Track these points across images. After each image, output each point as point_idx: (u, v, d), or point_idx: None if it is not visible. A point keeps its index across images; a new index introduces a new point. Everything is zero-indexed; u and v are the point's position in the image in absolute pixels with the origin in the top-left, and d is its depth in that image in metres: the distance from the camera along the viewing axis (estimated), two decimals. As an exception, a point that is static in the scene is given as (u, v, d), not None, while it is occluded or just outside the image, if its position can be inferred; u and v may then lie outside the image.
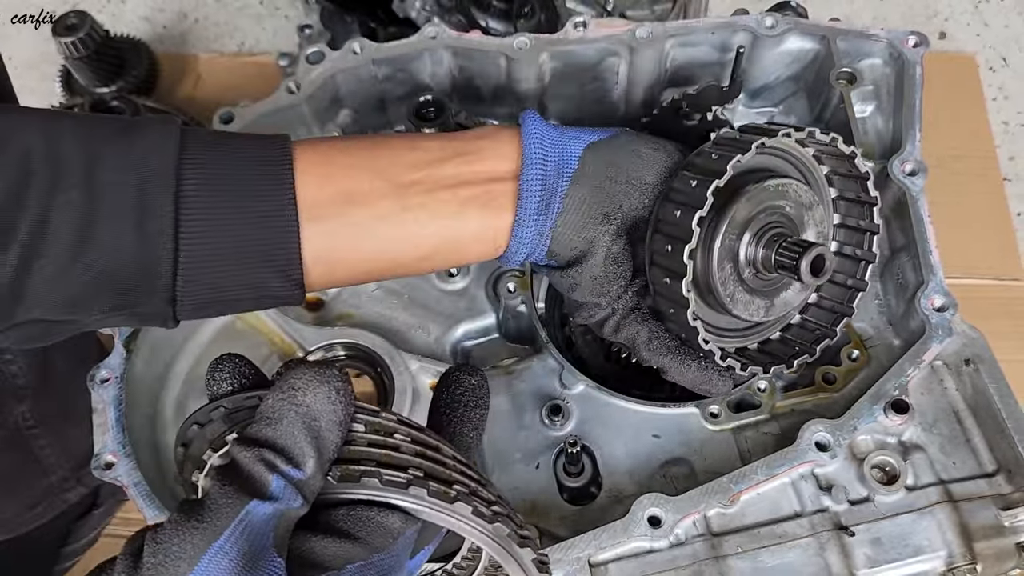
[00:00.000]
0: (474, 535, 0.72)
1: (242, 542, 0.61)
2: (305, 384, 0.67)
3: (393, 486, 0.68)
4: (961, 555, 1.09)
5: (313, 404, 0.67)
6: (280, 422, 0.66)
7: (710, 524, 1.12)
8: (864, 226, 1.19)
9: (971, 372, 1.19)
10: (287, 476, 0.64)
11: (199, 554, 0.60)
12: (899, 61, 1.34)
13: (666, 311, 1.10)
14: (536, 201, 1.01)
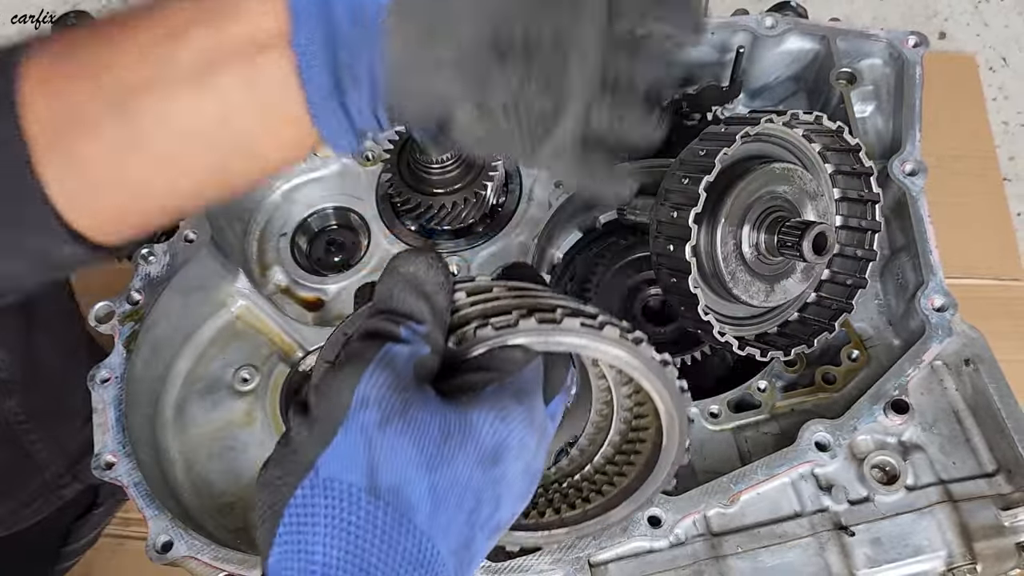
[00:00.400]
0: (586, 343, 0.82)
1: (388, 371, 0.73)
2: (405, 259, 0.79)
3: (504, 328, 0.80)
4: (961, 555, 1.09)
5: (416, 272, 0.79)
6: (392, 293, 0.78)
7: (710, 524, 1.12)
8: (865, 225, 1.20)
9: (971, 372, 1.19)
10: (411, 328, 0.76)
11: (354, 384, 0.72)
12: (899, 61, 1.34)
13: (678, 307, 1.12)
14: (325, 77, 0.75)
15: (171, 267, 1.32)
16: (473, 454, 0.75)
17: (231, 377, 1.38)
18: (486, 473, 0.75)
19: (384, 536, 0.71)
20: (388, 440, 0.72)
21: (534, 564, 1.06)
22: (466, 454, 0.74)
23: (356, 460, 0.71)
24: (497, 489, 0.77)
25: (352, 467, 0.71)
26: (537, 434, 0.80)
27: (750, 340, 1.18)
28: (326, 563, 0.70)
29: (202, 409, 1.36)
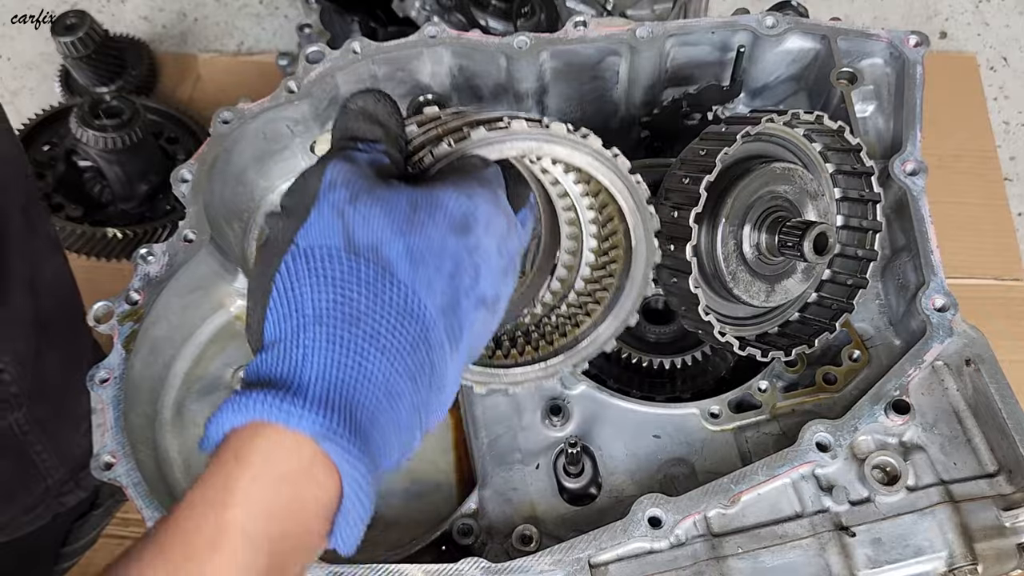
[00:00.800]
0: (536, 144, 0.93)
1: (351, 163, 0.82)
2: (354, 97, 0.89)
3: (461, 141, 0.89)
4: (962, 556, 1.09)
5: (366, 105, 0.88)
6: (348, 124, 0.88)
7: (710, 525, 1.11)
8: (867, 225, 1.20)
9: (972, 372, 1.19)
10: (367, 147, 0.86)
11: (321, 173, 0.81)
12: (900, 61, 1.34)
13: (678, 308, 1.13)
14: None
15: (170, 267, 1.32)
16: (443, 221, 0.81)
17: (230, 377, 1.38)
18: (459, 240, 0.82)
19: (368, 286, 0.77)
20: (360, 210, 0.79)
21: (534, 565, 1.06)
22: (436, 221, 0.81)
23: (332, 228, 0.78)
24: (474, 258, 0.83)
25: (329, 234, 0.78)
26: (505, 217, 0.86)
27: (751, 340, 1.18)
28: (317, 312, 0.76)
29: (201, 409, 1.35)
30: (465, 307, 0.82)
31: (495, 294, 0.86)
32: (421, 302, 0.78)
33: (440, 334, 0.80)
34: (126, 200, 2.28)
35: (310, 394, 0.73)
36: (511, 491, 1.19)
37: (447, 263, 0.81)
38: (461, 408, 1.27)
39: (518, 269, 0.91)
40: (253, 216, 1.52)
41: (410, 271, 0.79)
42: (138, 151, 2.20)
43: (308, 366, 0.75)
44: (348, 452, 0.73)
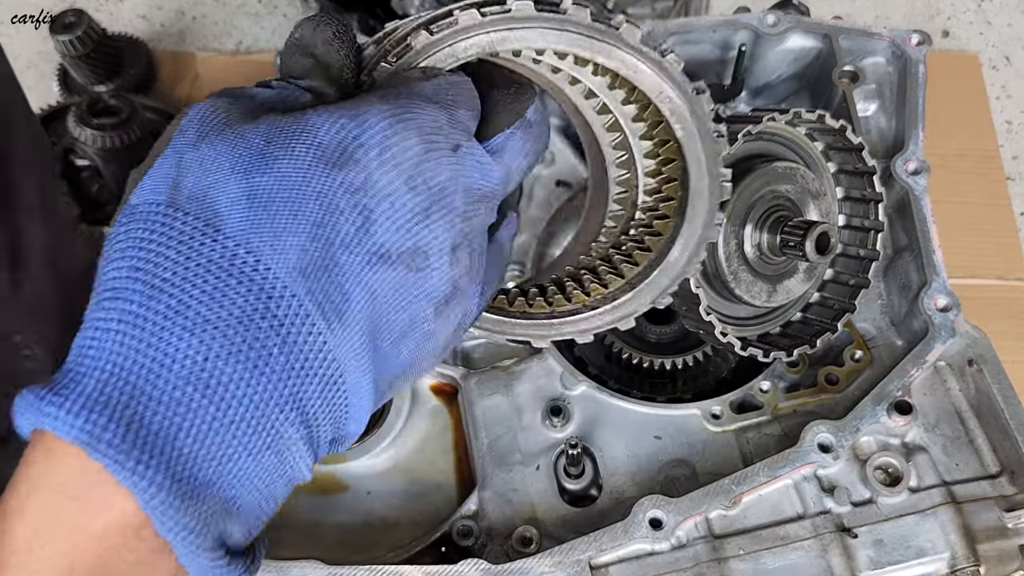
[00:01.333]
0: (486, 32, 0.76)
1: (223, 100, 0.69)
2: (295, 27, 0.75)
3: (400, 56, 0.75)
4: (964, 557, 1.09)
5: (302, 35, 0.74)
6: (283, 60, 0.75)
7: (712, 526, 1.11)
8: (869, 224, 1.20)
9: (974, 373, 1.19)
10: (281, 85, 0.73)
11: (180, 116, 0.69)
12: (902, 60, 1.34)
13: (680, 308, 1.13)
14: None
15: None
16: (306, 154, 0.64)
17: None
18: (331, 175, 0.63)
19: (181, 246, 0.61)
20: (198, 153, 0.65)
21: (535, 566, 1.06)
22: (295, 154, 0.63)
23: (163, 181, 0.65)
24: (359, 198, 0.64)
25: (158, 188, 0.64)
26: (422, 141, 0.67)
27: (752, 340, 1.17)
28: (115, 283, 0.61)
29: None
30: (348, 264, 0.63)
31: (410, 244, 0.66)
32: (259, 261, 0.61)
33: (299, 303, 0.61)
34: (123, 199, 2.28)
35: (80, 390, 0.59)
36: (511, 492, 1.18)
37: (309, 207, 0.62)
38: (461, 408, 1.27)
39: (484, 211, 0.73)
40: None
41: (245, 221, 0.61)
42: (136, 150, 2.20)
43: (89, 354, 0.60)
44: (122, 465, 0.56)
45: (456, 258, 0.70)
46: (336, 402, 0.65)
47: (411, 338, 0.69)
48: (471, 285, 0.74)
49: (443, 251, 0.68)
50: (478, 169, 0.72)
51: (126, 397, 0.58)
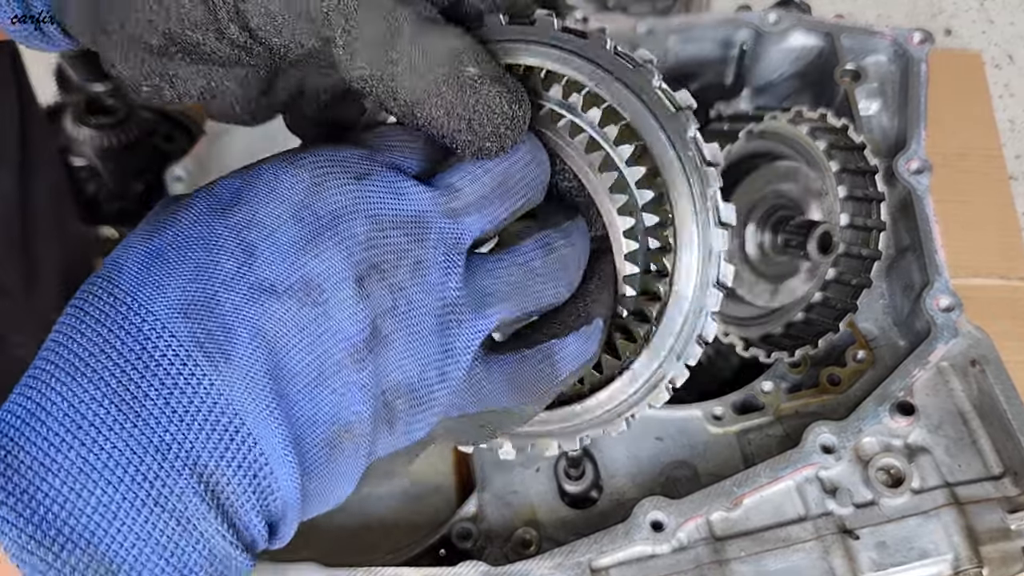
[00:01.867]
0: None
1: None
2: None
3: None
4: (967, 558, 1.08)
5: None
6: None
7: (713, 528, 1.10)
8: (871, 224, 1.19)
9: (977, 373, 1.18)
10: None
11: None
12: (904, 58, 1.33)
13: None
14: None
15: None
16: (200, 205, 0.62)
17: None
18: (219, 220, 0.61)
19: (85, 305, 0.61)
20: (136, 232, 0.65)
21: (535, 569, 1.05)
22: (192, 209, 0.62)
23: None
24: (243, 235, 0.60)
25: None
26: (318, 174, 0.63)
27: (754, 341, 1.17)
28: (41, 352, 0.60)
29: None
30: (229, 301, 0.59)
31: (298, 276, 0.60)
32: (141, 306, 0.58)
33: (178, 343, 0.58)
34: (121, 199, 2.28)
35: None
36: (511, 494, 1.18)
37: (195, 251, 0.60)
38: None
39: (409, 238, 0.64)
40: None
41: (137, 275, 0.60)
42: (133, 149, 2.19)
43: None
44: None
45: (365, 292, 0.62)
46: (248, 459, 0.58)
47: (328, 386, 0.61)
48: (409, 330, 0.65)
49: (341, 282, 0.62)
50: (390, 193, 0.65)
51: (5, 440, 0.55)
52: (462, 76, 0.62)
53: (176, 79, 0.72)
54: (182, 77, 0.72)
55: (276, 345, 0.60)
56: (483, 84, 0.63)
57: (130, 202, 2.29)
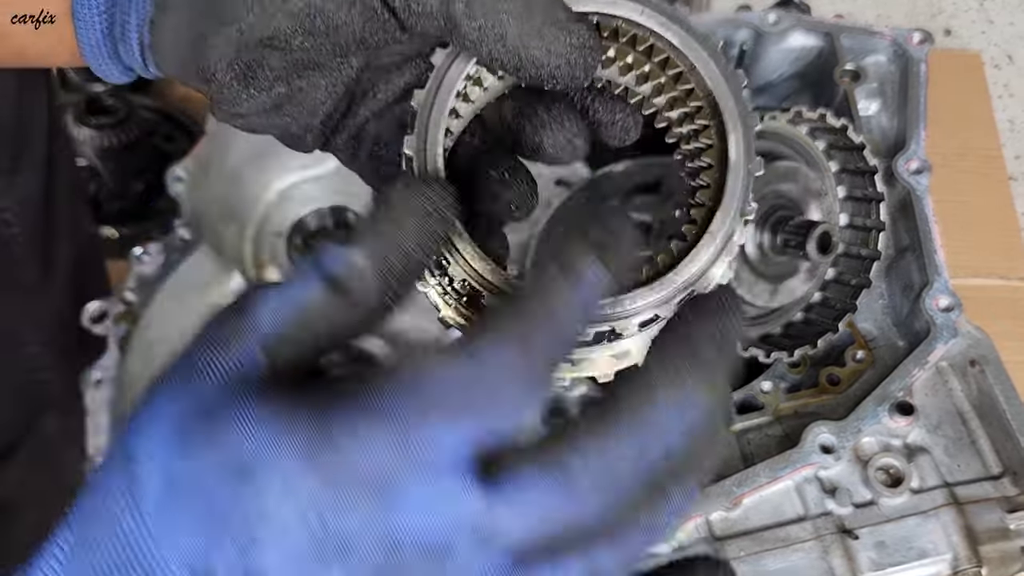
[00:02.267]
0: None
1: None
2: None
3: None
4: (966, 558, 1.08)
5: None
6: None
7: (712, 528, 1.10)
8: (870, 224, 1.19)
9: (976, 373, 1.18)
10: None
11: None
12: (904, 58, 1.33)
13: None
14: (98, 26, 0.77)
15: (165, 267, 1.31)
16: (219, 450, 0.53)
17: (227, 378, 1.37)
18: (230, 485, 0.52)
19: (106, 513, 0.54)
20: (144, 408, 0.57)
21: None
22: (213, 444, 0.53)
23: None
24: (251, 523, 0.51)
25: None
26: (331, 482, 0.50)
27: (754, 341, 1.17)
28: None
29: (197, 411, 1.35)
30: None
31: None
32: (158, 549, 0.52)
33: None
34: (121, 199, 2.28)
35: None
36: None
37: (202, 503, 0.52)
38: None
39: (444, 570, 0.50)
40: (249, 216, 1.51)
41: (159, 499, 0.53)
42: (133, 149, 2.19)
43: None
44: None
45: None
46: None
47: None
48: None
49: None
50: (424, 514, 0.50)
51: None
52: (558, 18, 0.68)
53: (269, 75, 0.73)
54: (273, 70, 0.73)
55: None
56: (572, 22, 0.69)
57: (130, 202, 2.29)
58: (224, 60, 0.72)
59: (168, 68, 0.77)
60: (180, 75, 0.76)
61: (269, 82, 0.73)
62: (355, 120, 0.78)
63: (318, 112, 0.76)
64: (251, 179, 1.48)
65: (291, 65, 0.73)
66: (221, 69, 0.72)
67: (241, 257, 1.48)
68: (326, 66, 0.74)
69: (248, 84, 0.73)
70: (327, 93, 0.76)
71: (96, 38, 0.77)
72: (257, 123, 0.77)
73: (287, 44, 0.71)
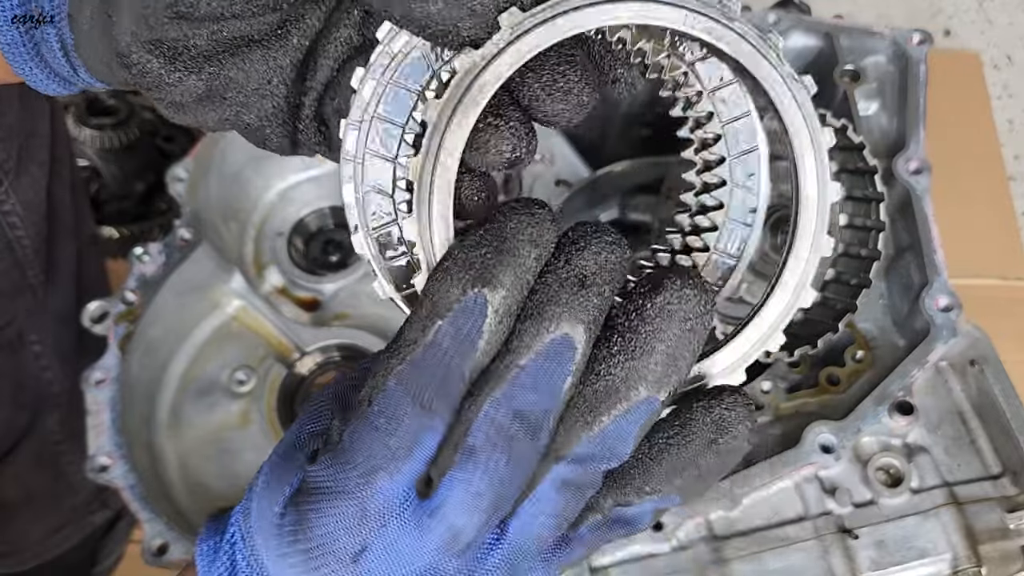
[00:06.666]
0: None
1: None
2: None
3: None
4: (966, 558, 1.08)
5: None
6: None
7: (712, 527, 1.10)
8: (870, 224, 1.19)
9: (976, 373, 1.18)
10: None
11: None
12: (903, 59, 1.33)
13: None
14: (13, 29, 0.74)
15: (166, 267, 1.31)
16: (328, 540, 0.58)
17: (227, 379, 1.37)
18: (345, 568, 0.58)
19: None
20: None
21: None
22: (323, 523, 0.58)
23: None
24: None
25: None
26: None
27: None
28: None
29: (197, 411, 1.35)
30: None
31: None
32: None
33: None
34: (122, 199, 2.28)
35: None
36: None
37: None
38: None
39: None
40: (249, 216, 1.51)
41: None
42: (134, 150, 2.19)
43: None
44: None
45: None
46: None
47: None
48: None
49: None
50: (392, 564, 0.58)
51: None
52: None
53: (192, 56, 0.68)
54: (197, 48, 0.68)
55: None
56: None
57: (130, 202, 2.29)
58: (137, 40, 0.66)
59: (92, 66, 0.73)
60: (105, 74, 0.72)
61: (197, 62, 0.67)
62: (310, 97, 0.71)
63: (266, 95, 0.70)
64: (251, 179, 1.48)
65: (218, 43, 0.67)
66: (135, 49, 0.66)
67: (241, 257, 1.48)
68: (260, 42, 0.68)
69: (172, 64, 0.67)
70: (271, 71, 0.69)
71: (14, 38, 0.73)
72: (205, 116, 0.71)
73: (198, 13, 0.65)
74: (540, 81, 0.60)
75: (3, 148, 1.37)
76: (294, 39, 0.68)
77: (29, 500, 1.63)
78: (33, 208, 1.44)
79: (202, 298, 1.38)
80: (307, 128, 0.72)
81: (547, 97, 0.60)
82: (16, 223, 1.42)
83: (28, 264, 1.45)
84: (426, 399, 0.55)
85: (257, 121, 0.71)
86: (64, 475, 1.65)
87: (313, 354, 1.40)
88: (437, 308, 0.55)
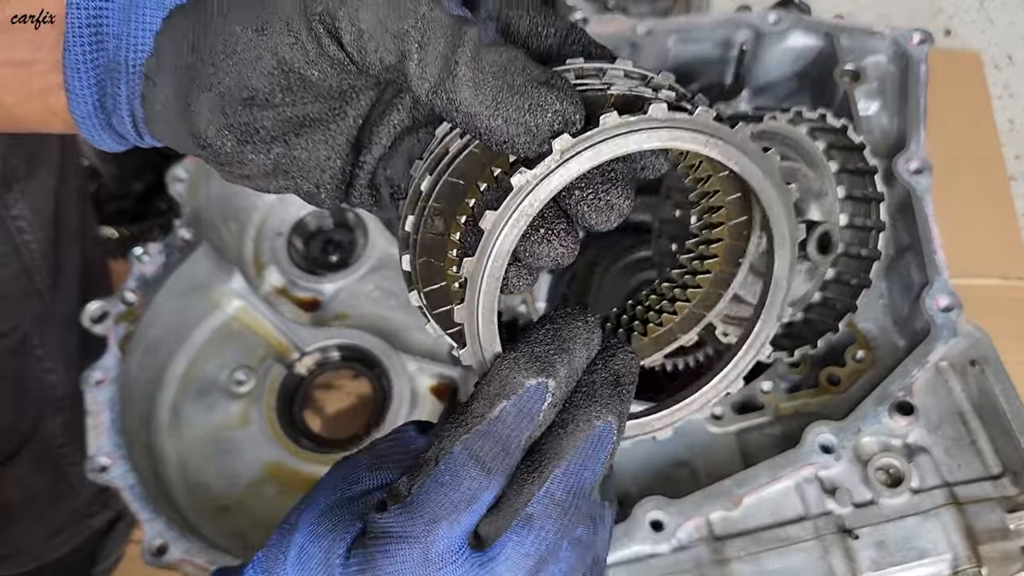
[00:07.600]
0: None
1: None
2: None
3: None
4: (966, 558, 1.08)
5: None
6: None
7: (713, 528, 1.10)
8: (871, 224, 1.19)
9: (976, 373, 1.18)
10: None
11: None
12: (904, 59, 1.33)
13: None
14: (89, 96, 0.78)
15: (166, 267, 1.31)
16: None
17: (226, 379, 1.37)
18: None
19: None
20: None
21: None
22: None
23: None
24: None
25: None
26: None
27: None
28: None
29: (197, 411, 1.35)
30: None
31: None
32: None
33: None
34: (121, 199, 2.28)
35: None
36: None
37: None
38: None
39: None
40: (249, 216, 1.51)
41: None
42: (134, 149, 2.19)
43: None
44: None
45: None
46: None
47: None
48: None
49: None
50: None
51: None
52: (513, 83, 0.65)
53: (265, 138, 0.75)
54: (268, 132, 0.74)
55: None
56: (532, 87, 0.65)
57: (130, 202, 2.29)
58: (214, 125, 0.73)
59: (164, 139, 0.79)
60: (177, 145, 0.78)
61: (265, 143, 0.74)
62: (364, 170, 0.78)
63: (325, 169, 0.77)
64: (251, 179, 1.48)
65: (284, 124, 0.74)
66: (212, 133, 0.73)
67: (241, 257, 1.48)
68: (321, 121, 0.75)
69: (244, 146, 0.74)
70: (329, 148, 0.76)
71: (88, 110, 0.78)
72: (266, 184, 0.78)
73: (269, 102, 0.72)
74: (585, 199, 0.70)
75: (15, 154, 1.37)
76: (349, 119, 0.76)
77: (30, 502, 1.63)
78: (41, 213, 1.45)
79: (202, 298, 1.38)
80: (360, 193, 0.80)
81: (592, 212, 0.70)
82: (24, 228, 1.42)
83: (35, 269, 1.45)
84: (487, 463, 0.66)
85: (314, 188, 0.79)
86: (65, 477, 1.65)
87: (313, 354, 1.40)
88: (504, 390, 0.67)
